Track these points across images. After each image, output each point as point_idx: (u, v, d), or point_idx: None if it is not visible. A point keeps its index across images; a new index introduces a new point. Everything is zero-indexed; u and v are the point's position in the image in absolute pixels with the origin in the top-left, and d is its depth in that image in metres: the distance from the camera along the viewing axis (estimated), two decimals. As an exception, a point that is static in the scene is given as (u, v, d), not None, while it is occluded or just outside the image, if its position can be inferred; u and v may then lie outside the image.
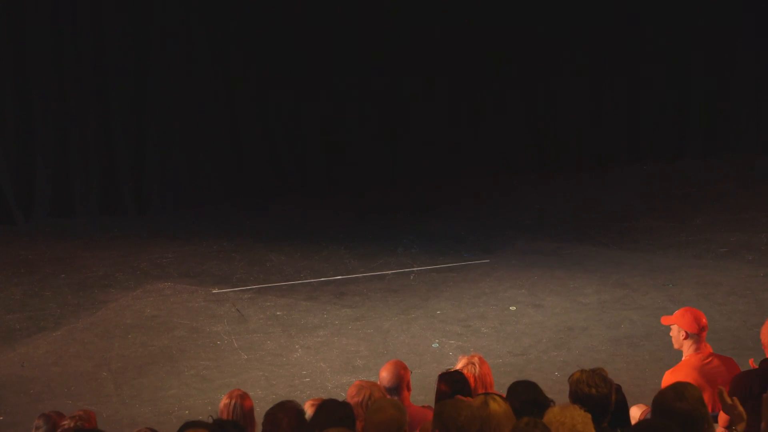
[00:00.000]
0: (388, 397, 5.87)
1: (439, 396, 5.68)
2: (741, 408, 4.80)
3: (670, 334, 6.73)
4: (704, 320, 6.61)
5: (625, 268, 10.65)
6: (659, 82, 14.35)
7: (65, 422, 5.80)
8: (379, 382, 6.07)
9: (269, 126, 13.42)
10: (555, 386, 7.26)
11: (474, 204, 13.06)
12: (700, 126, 14.57)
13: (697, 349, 6.58)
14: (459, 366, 6.17)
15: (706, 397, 5.71)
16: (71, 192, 12.75)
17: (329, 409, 5.12)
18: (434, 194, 13.18)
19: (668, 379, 6.61)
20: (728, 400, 4.81)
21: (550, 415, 4.65)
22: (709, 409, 5.15)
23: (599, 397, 4.99)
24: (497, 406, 4.91)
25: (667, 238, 11.58)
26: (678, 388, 4.73)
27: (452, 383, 5.68)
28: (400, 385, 6.14)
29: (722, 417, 5.92)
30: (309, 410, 5.47)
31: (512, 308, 9.81)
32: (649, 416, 5.07)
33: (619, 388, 5.40)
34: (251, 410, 5.83)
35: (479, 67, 13.82)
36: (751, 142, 14.62)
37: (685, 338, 6.58)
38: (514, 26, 13.87)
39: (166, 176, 13.06)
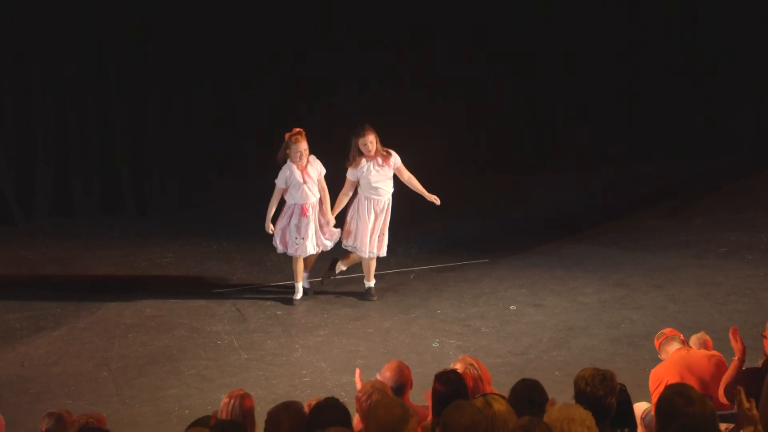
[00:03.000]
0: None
1: (436, 396, 5.66)
2: (755, 411, 4.77)
3: (661, 357, 7.01)
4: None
5: (625, 268, 10.65)
6: (659, 82, 14.35)
7: (75, 419, 5.78)
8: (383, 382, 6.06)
9: (269, 125, 13.43)
10: (555, 386, 7.25)
11: (474, 204, 13.06)
12: (699, 126, 14.57)
13: (680, 345, 6.77)
14: (457, 367, 6.15)
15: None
16: (71, 192, 12.76)
17: (325, 409, 5.11)
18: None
19: (655, 375, 6.69)
20: (745, 402, 4.77)
21: (551, 414, 4.65)
22: None
23: (592, 397, 4.99)
24: (499, 406, 4.90)
25: (667, 238, 11.58)
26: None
27: (448, 383, 5.66)
28: (404, 384, 6.14)
29: None
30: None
31: (512, 308, 9.81)
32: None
33: (623, 388, 5.40)
34: (251, 410, 5.82)
35: (479, 69, 13.84)
36: (751, 142, 14.62)
37: (661, 345, 6.94)
38: (512, 27, 13.90)
39: (166, 176, 13.07)
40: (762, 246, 11.16)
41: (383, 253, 9.97)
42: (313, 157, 9.79)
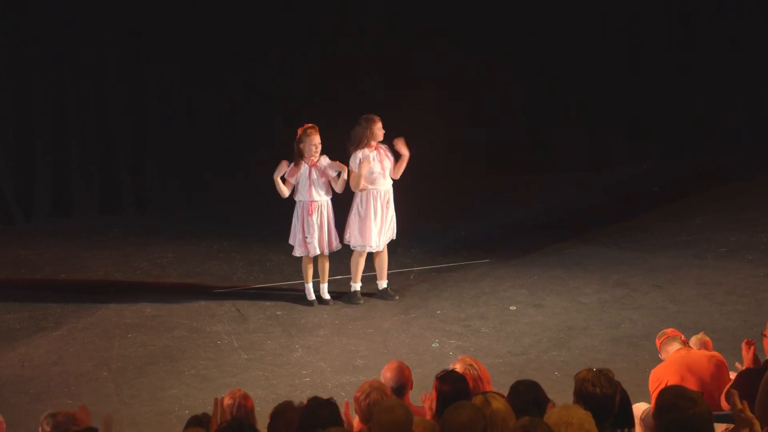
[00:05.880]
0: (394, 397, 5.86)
1: (441, 396, 5.64)
2: (749, 413, 4.75)
3: (661, 357, 7.01)
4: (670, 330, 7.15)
5: (625, 268, 10.66)
6: (659, 82, 14.35)
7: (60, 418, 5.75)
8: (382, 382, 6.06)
9: (269, 125, 13.43)
10: (555, 386, 7.26)
11: (474, 204, 13.06)
12: (700, 126, 14.58)
13: (681, 345, 6.85)
14: (456, 368, 6.14)
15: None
16: (71, 192, 12.77)
17: (315, 408, 5.10)
18: (435, 194, 13.18)
19: (655, 375, 6.70)
20: (738, 404, 4.76)
21: (551, 415, 4.64)
22: None
23: (603, 397, 4.97)
24: (498, 405, 4.90)
25: (667, 238, 11.58)
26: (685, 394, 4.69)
27: (452, 382, 5.66)
28: (404, 384, 6.14)
29: None
30: None
31: (512, 308, 9.81)
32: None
33: (621, 387, 5.40)
34: (252, 410, 5.83)
35: (480, 70, 13.84)
36: (750, 142, 14.62)
37: (662, 345, 6.96)
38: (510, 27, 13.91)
39: (166, 176, 13.07)
40: (762, 246, 11.17)
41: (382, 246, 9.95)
42: (324, 157, 9.72)
